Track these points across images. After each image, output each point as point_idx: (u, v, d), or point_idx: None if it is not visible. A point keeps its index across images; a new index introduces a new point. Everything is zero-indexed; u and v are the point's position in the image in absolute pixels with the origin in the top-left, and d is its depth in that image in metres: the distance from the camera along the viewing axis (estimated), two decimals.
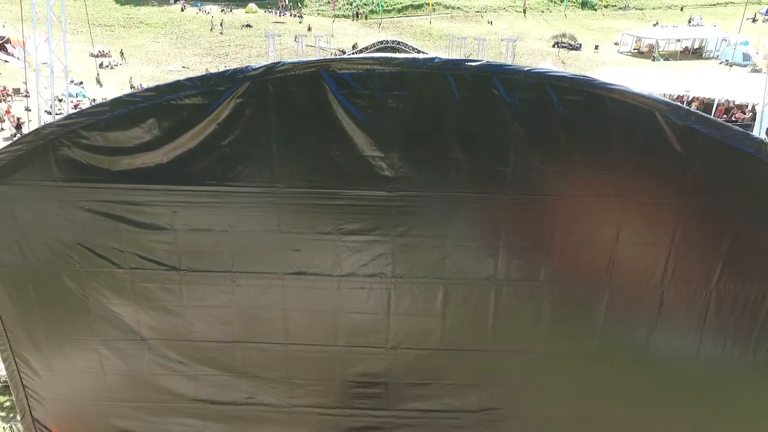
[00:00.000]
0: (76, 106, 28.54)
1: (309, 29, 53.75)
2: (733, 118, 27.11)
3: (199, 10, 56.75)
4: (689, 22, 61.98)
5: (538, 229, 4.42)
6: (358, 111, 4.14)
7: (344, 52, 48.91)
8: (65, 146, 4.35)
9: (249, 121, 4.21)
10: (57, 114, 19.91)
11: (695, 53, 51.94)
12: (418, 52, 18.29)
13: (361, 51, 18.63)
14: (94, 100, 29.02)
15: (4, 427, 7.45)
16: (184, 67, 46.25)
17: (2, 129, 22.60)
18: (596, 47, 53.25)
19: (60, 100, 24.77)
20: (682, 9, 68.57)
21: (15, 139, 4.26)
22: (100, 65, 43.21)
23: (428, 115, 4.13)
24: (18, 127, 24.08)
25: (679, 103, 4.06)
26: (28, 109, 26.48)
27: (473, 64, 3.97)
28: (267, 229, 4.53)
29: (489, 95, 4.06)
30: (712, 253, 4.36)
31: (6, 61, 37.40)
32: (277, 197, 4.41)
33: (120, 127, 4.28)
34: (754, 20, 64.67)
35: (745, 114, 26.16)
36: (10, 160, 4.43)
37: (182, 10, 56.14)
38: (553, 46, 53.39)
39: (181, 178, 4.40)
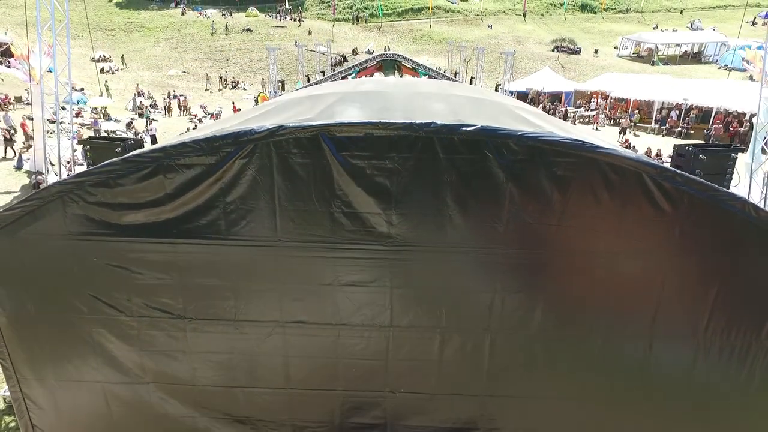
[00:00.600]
0: (77, 114, 28.72)
1: (309, 33, 53.89)
2: (730, 128, 27.29)
3: (200, 14, 56.86)
4: (691, 26, 62.07)
5: (531, 282, 4.58)
6: (356, 171, 4.30)
7: (344, 57, 49.05)
8: (75, 202, 4.51)
9: (253, 180, 4.37)
10: (60, 122, 19.98)
11: (694, 57, 52.01)
12: (418, 65, 18.41)
13: (361, 64, 18.76)
14: (95, 109, 29.09)
15: None
16: (184, 71, 46.41)
17: (14, 140, 22.79)
18: (596, 51, 53.31)
19: (63, 108, 24.94)
20: (681, 12, 68.64)
21: (29, 195, 4.44)
22: (101, 70, 43.34)
23: (424, 176, 4.29)
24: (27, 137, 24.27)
25: (666, 165, 4.18)
26: (29, 118, 26.67)
27: (468, 129, 4.12)
28: (269, 280, 4.69)
29: (483, 157, 4.22)
30: (699, 304, 4.52)
31: (8, 66, 37.61)
32: (280, 251, 4.57)
33: (128, 185, 4.44)
34: (753, 23, 64.76)
35: (742, 125, 26.30)
36: (22, 214, 4.59)
37: (183, 14, 56.25)
38: (553, 50, 53.46)
39: (188, 232, 4.56)
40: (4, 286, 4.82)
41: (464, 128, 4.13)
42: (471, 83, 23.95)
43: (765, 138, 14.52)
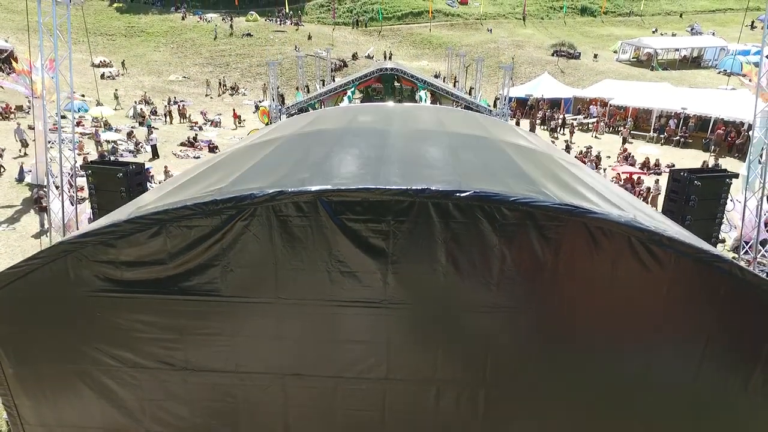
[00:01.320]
0: (78, 123, 28.81)
1: (309, 38, 54.02)
2: (729, 138, 27.42)
3: (200, 18, 56.93)
4: (691, 30, 62.14)
5: (523, 338, 4.71)
6: (353, 233, 4.43)
7: (344, 62, 49.22)
8: (79, 261, 4.64)
9: (253, 241, 4.49)
10: (62, 129, 20.04)
11: (694, 62, 52.14)
12: (417, 79, 18.53)
13: (360, 78, 18.89)
14: (95, 119, 29.17)
15: None
16: (185, 77, 46.51)
17: (26, 154, 23.01)
18: (595, 56, 53.42)
19: (63, 117, 25.03)
20: (681, 15, 68.73)
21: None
22: (101, 76, 43.41)
23: (419, 237, 4.41)
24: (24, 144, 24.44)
25: (654, 230, 4.30)
26: (31, 128, 26.79)
27: (462, 194, 4.25)
28: (269, 335, 4.81)
29: (476, 220, 4.34)
30: (687, 361, 4.65)
31: (9, 74, 37.73)
32: (279, 307, 4.70)
33: (132, 245, 4.56)
34: (752, 27, 64.87)
35: (740, 134, 26.42)
36: (28, 271, 4.72)
37: (183, 18, 56.34)
38: (552, 55, 53.57)
39: (189, 289, 4.69)
40: (11, 341, 4.95)
41: (458, 194, 4.25)
42: (470, 93, 24.05)
43: (762, 149, 14.66)
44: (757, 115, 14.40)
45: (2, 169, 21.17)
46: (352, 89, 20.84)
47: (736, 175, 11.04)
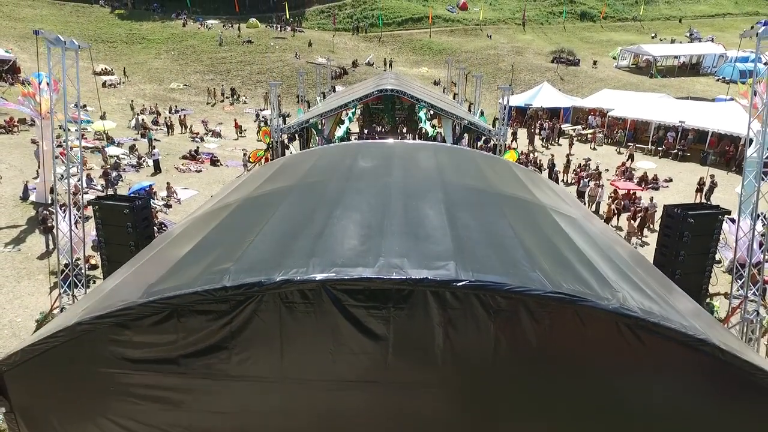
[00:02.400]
0: (81, 136, 29.03)
1: (309, 45, 54.26)
2: (728, 152, 27.68)
3: (201, 24, 57.15)
4: (690, 36, 62.31)
5: (516, 419, 4.95)
6: (356, 319, 4.67)
7: (344, 70, 49.45)
8: (94, 340, 4.88)
9: (260, 325, 4.73)
10: (62, 145, 20.22)
11: (693, 69, 52.41)
12: (417, 100, 18.76)
13: (361, 99, 19.11)
14: (98, 133, 29.36)
15: None
16: (186, 85, 46.76)
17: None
18: (594, 63, 53.71)
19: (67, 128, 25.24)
20: (680, 20, 69.01)
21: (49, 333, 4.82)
22: (103, 84, 43.64)
23: (419, 324, 4.65)
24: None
25: (640, 316, 4.54)
26: (34, 142, 27.01)
27: (459, 284, 4.49)
28: (274, 411, 5.06)
29: (473, 308, 4.59)
30: None
31: (12, 84, 37.99)
32: (284, 385, 4.95)
33: (144, 326, 4.80)
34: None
35: (738, 148, 26.64)
36: (48, 348, 4.97)
37: (184, 25, 56.59)
38: (552, 61, 53.85)
39: (198, 368, 4.93)
40: (32, 411, 5.21)
41: (455, 283, 4.49)
42: (470, 110, 24.27)
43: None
44: (751, 133, 14.61)
45: None
46: (353, 110, 21.10)
47: (729, 212, 11.28)
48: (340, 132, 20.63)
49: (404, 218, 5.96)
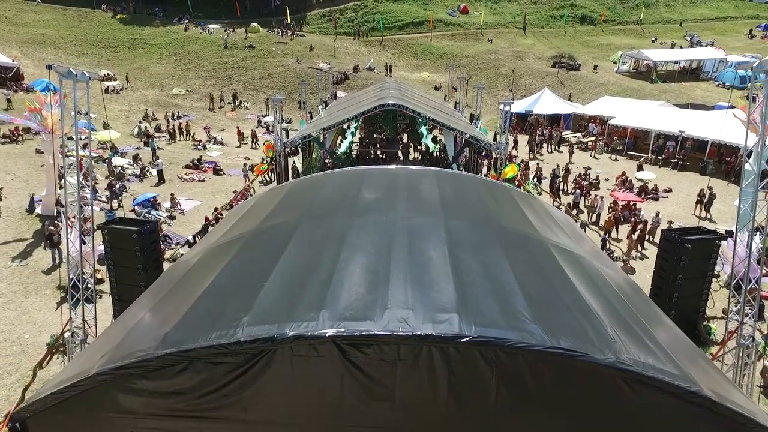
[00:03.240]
0: (84, 146, 29.28)
1: (311, 49, 54.45)
2: (728, 162, 27.90)
3: (203, 29, 57.34)
4: (690, 39, 62.46)
5: None
6: (362, 369, 4.90)
7: (345, 75, 49.64)
8: (113, 389, 5.12)
9: (272, 374, 4.97)
10: (69, 154, 20.41)
11: (693, 73, 52.60)
12: (419, 115, 18.98)
13: (363, 113, 19.33)
14: (102, 142, 29.57)
15: None
16: (188, 90, 46.96)
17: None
18: (595, 67, 53.86)
19: (70, 138, 25.52)
20: (681, 24, 69.17)
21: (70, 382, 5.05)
22: (106, 90, 43.90)
23: (423, 374, 4.88)
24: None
25: (635, 370, 4.77)
26: (39, 151, 27.22)
27: (463, 339, 4.72)
28: None
29: (475, 360, 4.82)
30: None
31: (16, 91, 38.21)
32: (294, 428, 5.18)
33: (161, 377, 5.04)
34: (751, 36, 65.32)
35: (738, 158, 26.85)
36: (69, 396, 5.21)
37: (185, 30, 56.77)
38: (553, 66, 54.02)
39: (212, 411, 5.16)
40: None
41: (458, 339, 4.72)
42: (471, 122, 24.49)
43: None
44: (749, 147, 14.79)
45: None
46: (355, 125, 21.30)
47: (725, 237, 11.53)
48: (343, 147, 20.85)
49: (409, 262, 6.18)
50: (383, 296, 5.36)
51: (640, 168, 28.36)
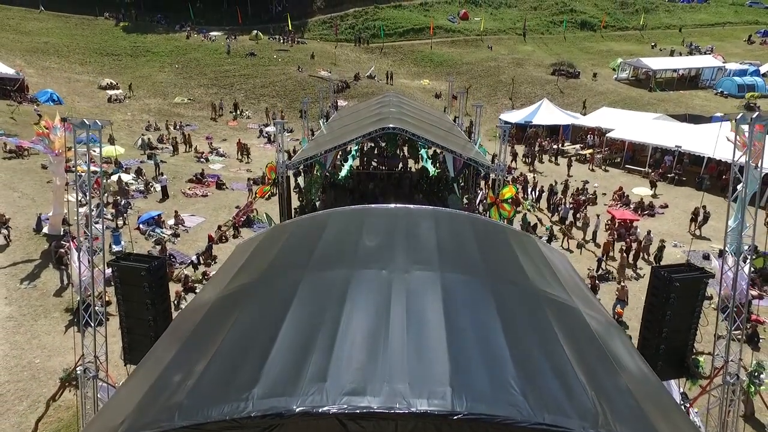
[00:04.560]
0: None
1: (312, 57, 54.81)
2: (723, 177, 28.25)
3: (205, 36, 57.70)
4: (690, 47, 62.76)
5: None
6: None
7: (346, 83, 50.00)
8: None
9: None
10: (73, 170, 20.73)
11: (692, 81, 52.95)
12: (418, 138, 19.39)
13: (364, 135, 19.74)
14: (107, 158, 29.95)
15: None
16: (190, 99, 47.34)
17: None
18: (594, 75, 54.20)
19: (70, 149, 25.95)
20: (680, 29, 69.46)
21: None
22: (108, 99, 44.33)
23: None
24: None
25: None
26: (44, 167, 27.65)
27: (455, 417, 5.14)
28: None
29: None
30: None
31: (21, 103, 38.63)
32: None
33: None
34: (750, 42, 65.60)
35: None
36: None
37: (187, 37, 57.13)
38: (552, 74, 54.38)
39: None
40: None
41: (452, 417, 5.14)
42: (470, 135, 24.89)
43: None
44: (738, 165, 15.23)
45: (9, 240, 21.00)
46: (356, 148, 21.70)
47: (713, 275, 11.92)
48: (344, 171, 21.30)
49: (406, 327, 6.60)
50: (382, 366, 5.78)
51: (653, 185, 28.66)
